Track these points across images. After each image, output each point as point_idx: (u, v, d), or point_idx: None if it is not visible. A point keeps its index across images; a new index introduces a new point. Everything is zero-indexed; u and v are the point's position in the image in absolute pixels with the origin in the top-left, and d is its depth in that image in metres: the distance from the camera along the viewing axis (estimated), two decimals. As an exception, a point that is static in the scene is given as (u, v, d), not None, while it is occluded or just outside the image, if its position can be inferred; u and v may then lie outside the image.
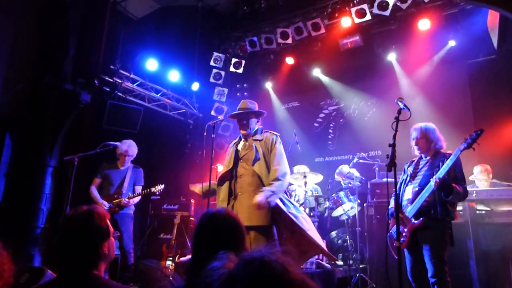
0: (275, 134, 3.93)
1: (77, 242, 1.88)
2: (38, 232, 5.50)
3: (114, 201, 5.19)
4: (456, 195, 3.33)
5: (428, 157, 3.68)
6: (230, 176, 3.85)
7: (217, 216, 1.91)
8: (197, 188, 4.09)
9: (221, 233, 1.84)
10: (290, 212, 3.67)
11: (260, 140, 3.85)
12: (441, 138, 3.68)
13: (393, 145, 3.00)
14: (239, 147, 3.94)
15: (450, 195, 3.31)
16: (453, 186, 3.31)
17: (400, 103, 3.20)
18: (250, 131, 3.90)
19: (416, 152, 3.78)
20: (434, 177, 3.35)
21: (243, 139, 3.97)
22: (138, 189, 5.44)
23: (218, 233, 1.84)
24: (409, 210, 3.49)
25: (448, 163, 3.34)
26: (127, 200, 5.17)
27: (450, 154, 3.50)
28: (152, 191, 5.39)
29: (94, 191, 5.29)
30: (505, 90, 6.33)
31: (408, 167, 3.85)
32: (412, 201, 3.51)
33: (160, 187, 5.43)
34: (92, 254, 1.89)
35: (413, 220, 3.44)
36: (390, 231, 3.68)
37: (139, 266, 3.93)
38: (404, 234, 3.47)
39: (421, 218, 3.40)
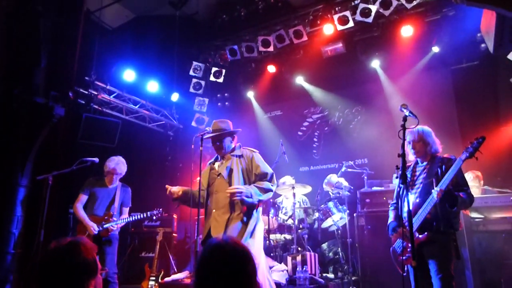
0: (254, 151, 3.90)
1: (60, 279, 1.64)
2: (9, 258, 5.08)
3: (104, 225, 4.80)
4: (462, 204, 3.20)
5: (424, 163, 3.53)
6: (207, 194, 3.79)
7: (222, 247, 1.61)
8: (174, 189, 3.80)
9: (229, 270, 1.55)
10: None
11: (239, 156, 3.81)
12: (437, 141, 3.55)
13: (402, 155, 2.82)
14: (216, 165, 3.88)
15: (455, 206, 3.18)
16: (456, 195, 3.17)
17: (405, 110, 3.04)
18: (226, 151, 3.86)
19: (411, 157, 3.61)
20: (435, 188, 3.21)
21: (220, 158, 3.91)
22: (125, 211, 5.10)
23: (224, 271, 1.55)
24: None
25: (449, 174, 3.19)
26: (115, 226, 4.83)
27: (447, 158, 3.38)
28: (149, 216, 5.11)
29: (81, 210, 4.84)
30: (489, 96, 6.37)
31: None
32: (413, 213, 3.34)
33: (158, 212, 5.17)
34: None
35: (417, 235, 3.27)
36: (394, 246, 3.50)
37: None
38: (408, 249, 3.30)
39: (425, 233, 3.24)
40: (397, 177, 2.79)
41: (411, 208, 3.35)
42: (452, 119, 6.69)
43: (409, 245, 3.29)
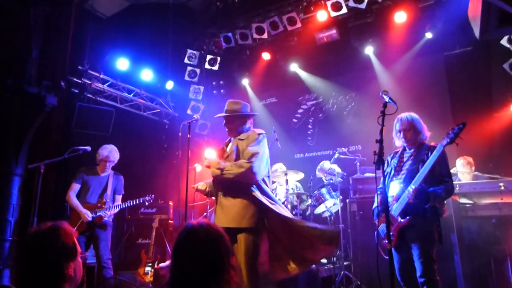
0: (259, 133, 3.58)
1: (38, 261, 1.68)
2: (6, 245, 5.17)
3: (98, 212, 4.86)
4: (436, 199, 3.23)
5: (412, 149, 3.55)
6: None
7: (196, 230, 1.69)
8: (200, 186, 3.78)
9: (202, 251, 1.63)
10: (279, 211, 3.36)
11: (243, 140, 3.55)
12: (425, 128, 3.58)
13: (380, 141, 2.84)
14: (227, 147, 3.73)
15: (427, 203, 3.21)
16: (430, 192, 3.20)
17: (385, 96, 3.04)
18: (237, 134, 3.63)
19: (398, 144, 3.65)
20: (408, 188, 3.26)
21: (232, 140, 3.73)
22: (118, 198, 5.16)
23: (198, 252, 1.63)
24: (395, 208, 3.38)
25: (430, 161, 3.23)
26: (108, 213, 4.90)
27: (434, 146, 3.40)
28: (142, 202, 5.19)
29: (74, 199, 4.90)
30: (482, 82, 6.35)
31: (391, 159, 3.71)
32: (397, 198, 3.39)
33: (150, 198, 5.24)
34: (55, 276, 1.69)
35: (399, 219, 3.32)
36: (378, 230, 3.54)
37: (114, 282, 3.70)
38: (391, 233, 3.35)
39: (407, 217, 3.29)
40: (374, 162, 2.81)
41: (395, 193, 3.45)
42: (445, 105, 6.67)
43: (392, 229, 3.36)
